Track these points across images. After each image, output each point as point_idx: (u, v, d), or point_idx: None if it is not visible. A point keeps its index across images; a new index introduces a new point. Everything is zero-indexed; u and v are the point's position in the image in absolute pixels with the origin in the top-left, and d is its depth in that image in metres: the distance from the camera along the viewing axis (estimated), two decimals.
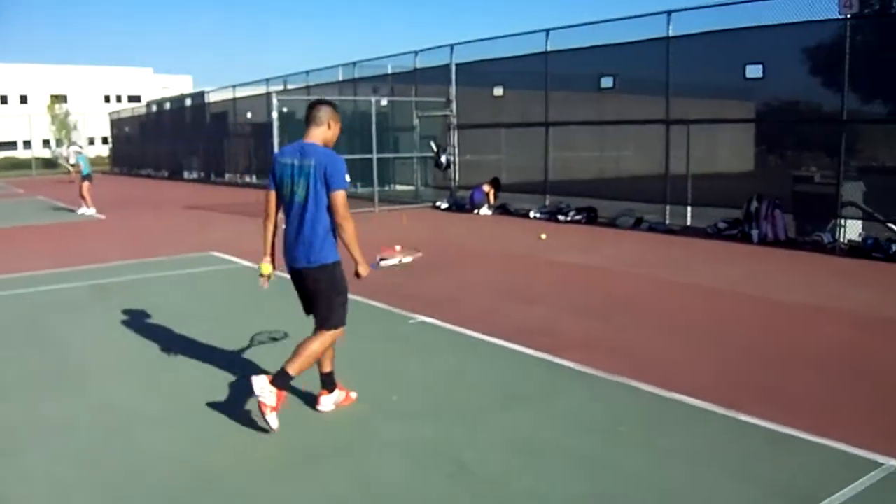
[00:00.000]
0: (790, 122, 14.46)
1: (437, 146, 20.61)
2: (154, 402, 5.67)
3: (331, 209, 4.98)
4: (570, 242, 13.56)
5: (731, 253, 12.20)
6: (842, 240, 12.28)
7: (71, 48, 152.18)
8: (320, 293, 5.11)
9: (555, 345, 6.82)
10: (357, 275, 5.17)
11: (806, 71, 13.36)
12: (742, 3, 13.65)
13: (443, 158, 20.54)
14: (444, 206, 19.95)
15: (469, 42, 20.05)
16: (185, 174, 38.73)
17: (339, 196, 4.95)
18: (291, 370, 4.99)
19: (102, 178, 37.45)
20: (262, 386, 4.89)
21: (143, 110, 46.64)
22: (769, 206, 13.13)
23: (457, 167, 20.93)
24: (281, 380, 4.95)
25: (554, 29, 17.60)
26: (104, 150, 62.23)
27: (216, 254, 12.54)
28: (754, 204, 13.29)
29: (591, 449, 4.69)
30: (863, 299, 8.82)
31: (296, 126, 23.92)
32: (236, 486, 4.30)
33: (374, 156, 19.35)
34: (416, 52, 21.94)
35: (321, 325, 5.14)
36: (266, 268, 5.32)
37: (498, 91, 19.34)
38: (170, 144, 40.60)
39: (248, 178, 32.79)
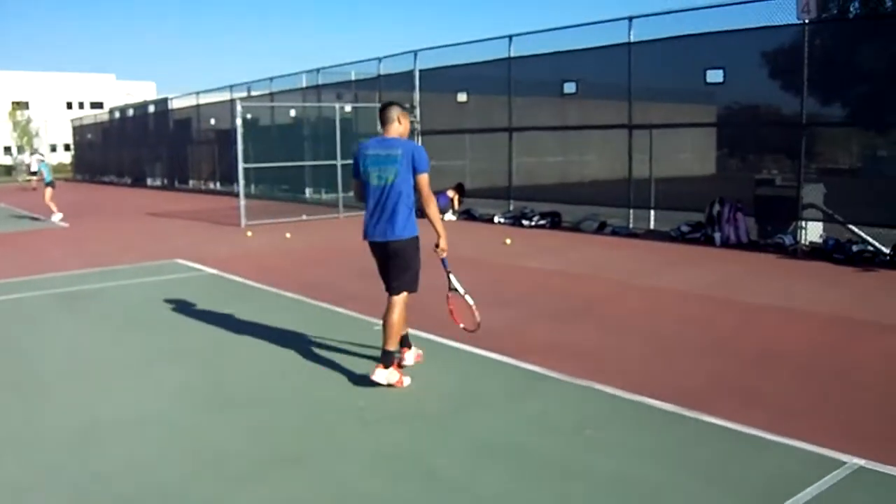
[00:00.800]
0: (751, 125, 14.64)
1: None
2: (119, 410, 5.58)
3: (417, 190, 5.84)
4: (535, 247, 13.60)
5: (695, 256, 12.31)
6: (803, 242, 12.42)
7: (32, 54, 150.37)
8: (400, 260, 5.90)
9: (520, 348, 6.83)
10: (437, 246, 6.04)
11: (766, 75, 13.53)
12: (702, 9, 13.82)
13: None
14: None
15: (432, 48, 20.14)
16: (149, 181, 38.37)
17: (425, 178, 5.88)
18: (390, 346, 5.82)
19: (65, 185, 37.02)
20: (383, 376, 5.72)
21: (106, 117, 46.18)
22: (731, 209, 13.26)
23: None
24: (387, 359, 5.79)
25: (517, 35, 17.71)
26: (66, 157, 61.58)
27: (180, 261, 12.41)
28: (716, 207, 13.41)
29: (559, 452, 4.69)
30: (827, 300, 8.92)
31: (259, 132, 24.05)
32: (203, 495, 4.25)
33: (339, 162, 19.30)
34: (379, 59, 21.96)
35: (396, 290, 5.90)
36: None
37: (461, 97, 19.36)
38: (133, 151, 40.19)
39: (211, 185, 32.56)
